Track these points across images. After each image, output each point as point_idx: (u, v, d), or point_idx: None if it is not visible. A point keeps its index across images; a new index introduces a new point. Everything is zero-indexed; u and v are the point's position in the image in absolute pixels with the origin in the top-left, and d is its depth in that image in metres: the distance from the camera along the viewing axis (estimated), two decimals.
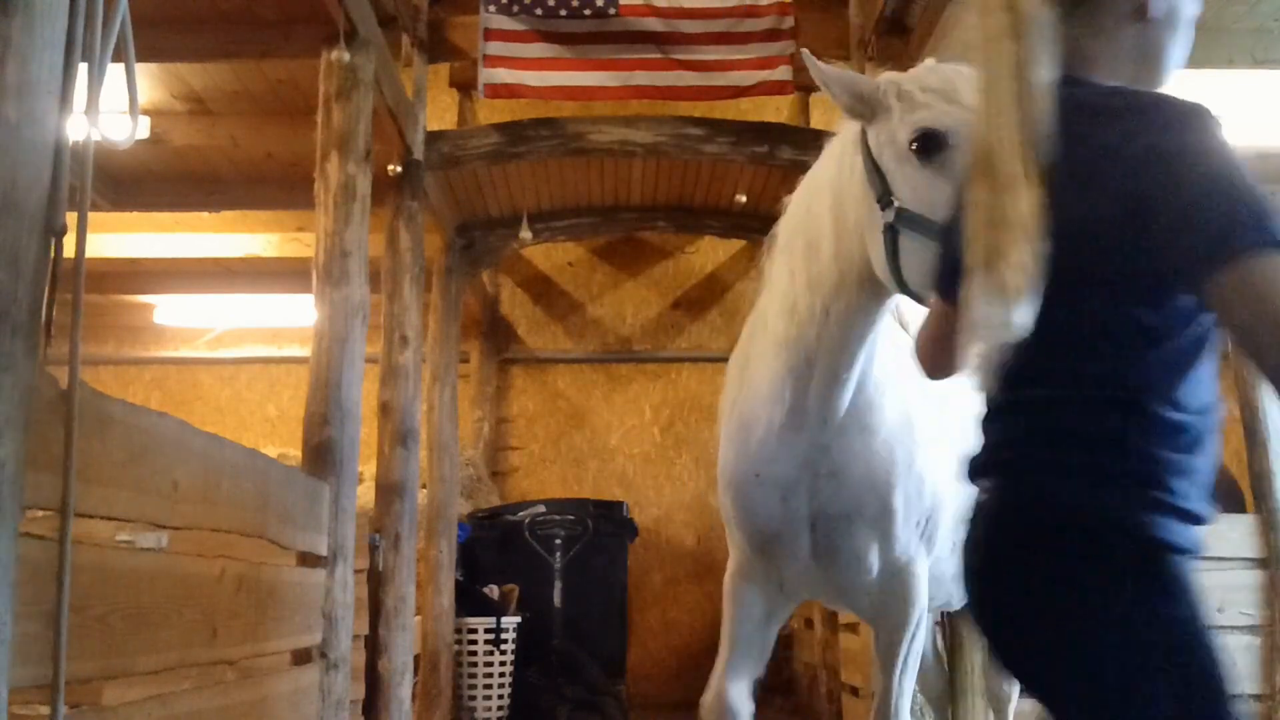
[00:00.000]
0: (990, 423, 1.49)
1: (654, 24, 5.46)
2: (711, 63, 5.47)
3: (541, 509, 6.65)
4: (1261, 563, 5.02)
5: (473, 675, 6.04)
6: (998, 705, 3.45)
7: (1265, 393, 5.01)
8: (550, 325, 8.05)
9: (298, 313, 6.87)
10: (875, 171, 2.10)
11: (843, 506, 2.52)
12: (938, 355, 1.68)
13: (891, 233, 2.04)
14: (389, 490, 4.86)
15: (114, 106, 1.95)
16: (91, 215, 1.84)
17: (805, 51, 2.31)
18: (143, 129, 5.83)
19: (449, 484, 6.05)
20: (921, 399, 2.64)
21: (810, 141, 5.63)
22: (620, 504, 7.00)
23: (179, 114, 6.12)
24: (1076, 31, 1.43)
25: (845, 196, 2.26)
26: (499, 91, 5.49)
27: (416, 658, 5.25)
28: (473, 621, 6.02)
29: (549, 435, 7.94)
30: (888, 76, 2.15)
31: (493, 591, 6.22)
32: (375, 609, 4.58)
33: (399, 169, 5.26)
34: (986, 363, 1.33)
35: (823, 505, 2.53)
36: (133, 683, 2.37)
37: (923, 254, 1.94)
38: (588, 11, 5.42)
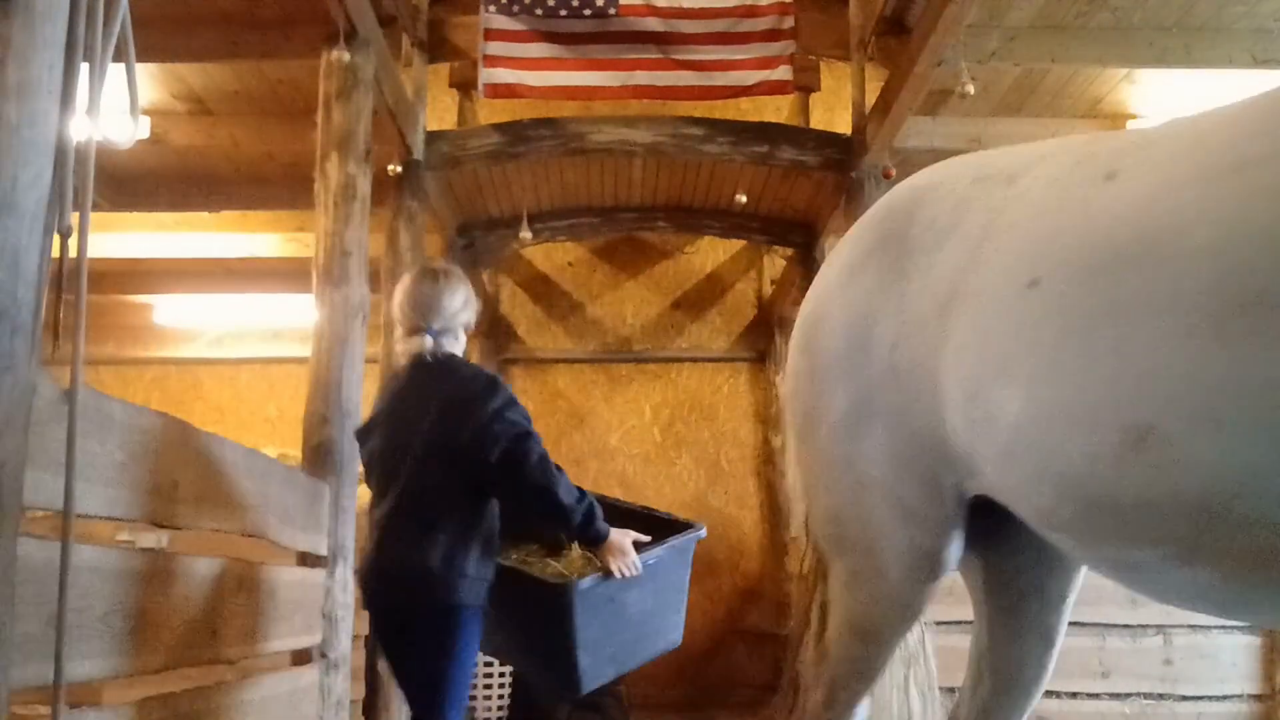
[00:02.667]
0: None
1: (654, 24, 5.46)
2: (711, 63, 5.47)
3: None
4: None
5: (473, 675, 6.03)
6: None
7: None
8: (550, 325, 8.05)
9: (298, 313, 6.87)
10: None
11: None
12: None
13: None
14: None
15: (114, 106, 1.94)
16: (92, 215, 1.83)
17: None
18: (143, 129, 5.83)
19: None
20: None
21: (810, 141, 5.64)
22: None
23: (179, 114, 6.12)
24: None
25: None
26: (499, 91, 5.49)
27: None
28: None
29: (549, 435, 7.92)
30: None
31: None
32: None
33: (399, 169, 5.26)
34: None
35: None
36: (133, 683, 2.37)
37: None
38: (588, 11, 5.42)
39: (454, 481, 2.56)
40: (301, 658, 3.41)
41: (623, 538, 2.72)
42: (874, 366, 1.99)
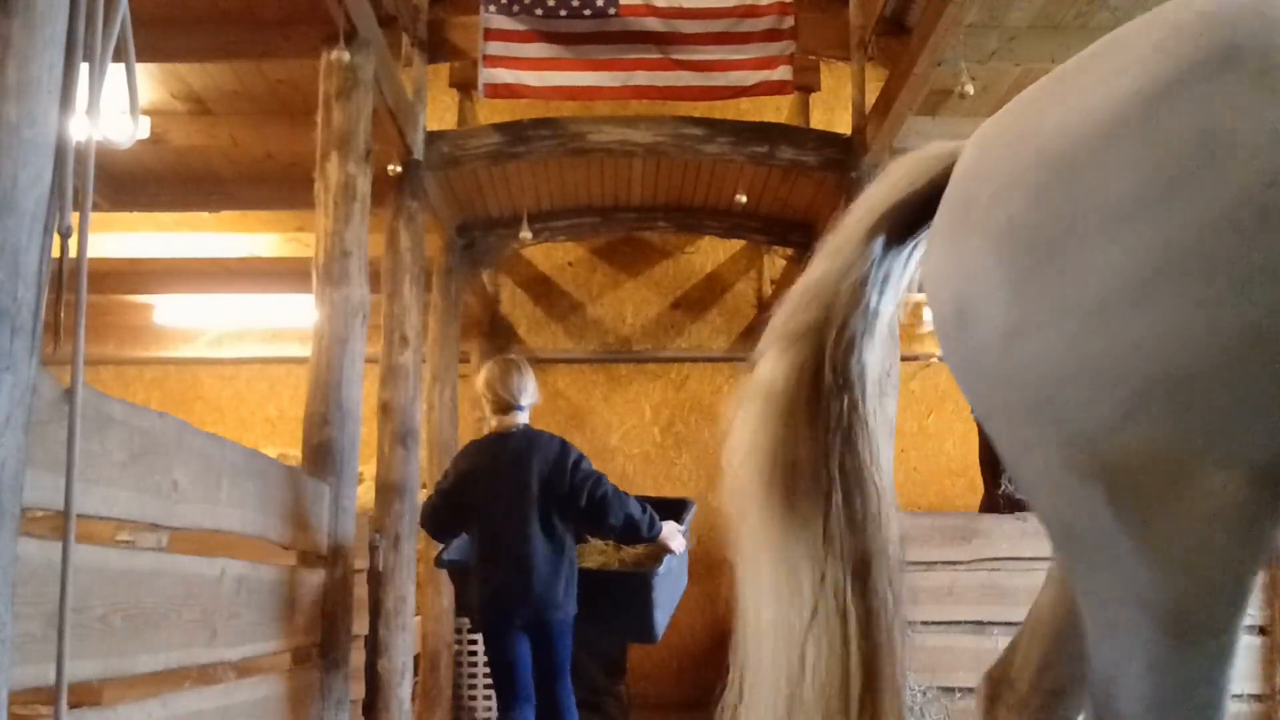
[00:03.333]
0: None
1: (654, 24, 5.46)
2: (711, 63, 5.47)
3: None
4: None
5: (473, 675, 6.03)
6: None
7: None
8: (550, 325, 8.05)
9: (298, 313, 6.86)
10: None
11: None
12: None
13: None
14: (389, 490, 4.86)
15: (114, 106, 1.95)
16: (92, 215, 1.83)
17: None
18: (143, 129, 5.83)
19: None
20: None
21: (810, 141, 5.64)
22: None
23: (179, 114, 6.12)
24: None
25: None
26: (499, 91, 5.49)
27: (416, 658, 5.25)
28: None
29: None
30: None
31: None
32: (375, 609, 4.58)
33: (399, 169, 5.26)
34: None
35: None
36: (133, 683, 2.37)
37: None
38: (588, 11, 5.42)
39: (560, 524, 3.58)
40: (301, 658, 3.41)
41: (670, 528, 3.80)
42: (1218, 207, 1.27)
